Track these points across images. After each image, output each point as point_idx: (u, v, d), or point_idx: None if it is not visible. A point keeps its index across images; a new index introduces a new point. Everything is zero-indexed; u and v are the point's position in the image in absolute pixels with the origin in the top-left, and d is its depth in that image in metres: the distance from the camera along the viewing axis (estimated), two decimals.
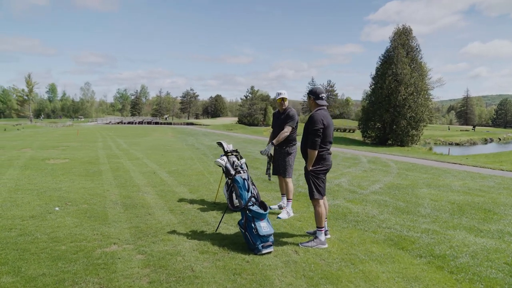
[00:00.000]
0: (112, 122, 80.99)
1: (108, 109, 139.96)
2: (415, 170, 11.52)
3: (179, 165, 10.96)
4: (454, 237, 4.82)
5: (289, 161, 5.79)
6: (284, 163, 5.78)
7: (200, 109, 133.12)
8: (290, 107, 5.84)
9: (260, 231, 3.86)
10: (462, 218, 5.76)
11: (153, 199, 6.52)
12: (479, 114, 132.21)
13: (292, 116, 5.69)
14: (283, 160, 5.81)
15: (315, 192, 4.32)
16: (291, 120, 5.67)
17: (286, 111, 5.77)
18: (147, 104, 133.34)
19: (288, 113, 5.73)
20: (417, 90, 31.53)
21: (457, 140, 47.34)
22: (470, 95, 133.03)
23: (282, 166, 5.83)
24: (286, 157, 5.77)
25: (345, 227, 5.17)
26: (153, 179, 8.47)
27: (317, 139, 4.20)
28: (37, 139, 23.23)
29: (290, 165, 5.81)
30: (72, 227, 4.78)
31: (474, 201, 7.03)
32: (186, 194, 7.03)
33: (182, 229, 4.85)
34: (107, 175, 8.82)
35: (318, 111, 4.34)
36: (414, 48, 32.92)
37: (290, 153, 5.79)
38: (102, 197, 6.50)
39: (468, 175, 10.64)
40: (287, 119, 5.70)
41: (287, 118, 5.70)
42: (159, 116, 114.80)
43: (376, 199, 6.99)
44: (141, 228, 4.83)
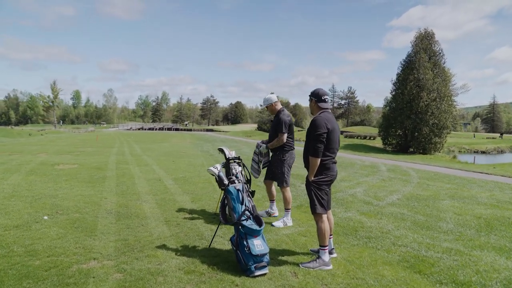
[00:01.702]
0: (133, 128, 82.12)
1: (130, 115, 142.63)
2: (437, 179, 10.78)
3: (187, 172, 10.60)
4: (481, 259, 4.20)
5: (283, 170, 5.38)
6: (279, 172, 5.40)
7: (220, 116, 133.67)
8: (281, 110, 5.43)
9: (253, 250, 3.39)
10: (491, 236, 5.11)
11: (151, 208, 6.14)
12: (507, 121, 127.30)
13: (278, 121, 5.29)
14: (277, 168, 5.43)
15: (317, 206, 3.81)
16: (278, 125, 5.28)
17: (276, 115, 5.42)
18: (168, 111, 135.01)
19: (276, 117, 5.39)
20: (440, 96, 30.29)
21: (483, 148, 45.33)
22: (497, 101, 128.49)
23: (277, 175, 5.44)
24: (280, 165, 5.39)
25: (355, 244, 4.62)
26: (156, 187, 8.12)
27: (320, 145, 3.70)
28: (56, 144, 23.52)
29: (285, 172, 5.39)
30: (55, 238, 4.43)
31: (504, 215, 6.33)
32: (187, 203, 6.63)
33: (173, 243, 4.43)
34: (110, 182, 8.54)
35: (321, 114, 3.86)
36: (437, 52, 31.74)
37: (283, 159, 5.39)
38: (97, 206, 6.16)
39: (496, 185, 9.84)
40: (275, 124, 5.34)
41: (276, 123, 5.34)
42: (179, 122, 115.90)
43: (393, 212, 6.39)
44: (129, 241, 4.44)
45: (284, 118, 5.26)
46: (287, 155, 5.44)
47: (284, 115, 5.32)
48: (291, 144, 5.44)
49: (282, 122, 5.23)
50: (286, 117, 5.30)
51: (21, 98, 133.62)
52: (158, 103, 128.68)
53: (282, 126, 5.23)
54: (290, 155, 5.49)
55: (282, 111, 5.40)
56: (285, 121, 5.24)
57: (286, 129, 5.25)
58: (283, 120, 5.24)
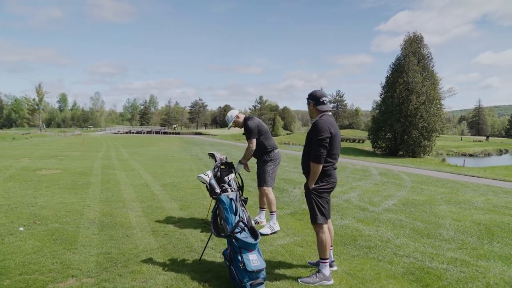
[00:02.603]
0: (120, 131, 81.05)
1: (117, 118, 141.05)
2: (431, 183, 10.62)
3: (175, 177, 10.22)
4: (488, 270, 3.96)
5: (266, 169, 5.16)
6: (261, 171, 5.19)
7: (209, 119, 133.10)
8: (247, 119, 5.24)
9: (249, 266, 3.07)
10: (493, 244, 4.90)
11: (137, 217, 5.77)
12: (491, 125, 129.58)
13: (247, 129, 5.14)
14: (260, 167, 5.23)
15: (318, 216, 3.52)
16: (247, 133, 5.13)
17: (244, 126, 5.22)
18: (156, 114, 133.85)
19: (244, 128, 5.20)
20: (429, 99, 30.45)
21: (471, 151, 45.81)
22: (482, 105, 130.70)
23: (259, 175, 5.23)
24: (264, 165, 5.18)
25: (355, 255, 4.34)
26: (143, 193, 7.74)
27: (322, 150, 3.42)
28: (41, 148, 22.79)
29: (268, 172, 5.15)
30: (30, 253, 4.03)
31: (503, 221, 6.15)
32: (175, 211, 6.27)
33: (160, 256, 4.08)
34: (94, 188, 8.11)
35: (323, 117, 3.58)
36: (426, 56, 31.93)
37: (267, 160, 5.18)
38: (79, 215, 5.76)
39: (490, 189, 9.73)
40: (246, 134, 5.17)
41: (245, 133, 5.18)
42: (167, 126, 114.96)
43: (390, 218, 6.14)
44: (112, 255, 4.07)
45: (250, 125, 5.10)
46: (272, 155, 5.23)
47: (249, 122, 5.13)
48: (270, 144, 5.23)
49: (248, 129, 5.10)
50: (252, 123, 5.11)
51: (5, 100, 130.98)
52: (146, 107, 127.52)
53: (248, 134, 5.10)
54: (276, 155, 5.27)
55: (249, 120, 5.20)
56: (250, 128, 5.08)
57: (254, 135, 5.07)
58: (249, 127, 5.10)
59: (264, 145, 5.17)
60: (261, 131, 5.16)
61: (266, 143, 5.18)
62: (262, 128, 5.20)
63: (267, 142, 5.19)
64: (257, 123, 5.17)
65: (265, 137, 5.19)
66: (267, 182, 5.13)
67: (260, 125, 5.20)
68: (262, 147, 5.17)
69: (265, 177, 5.14)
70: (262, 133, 5.16)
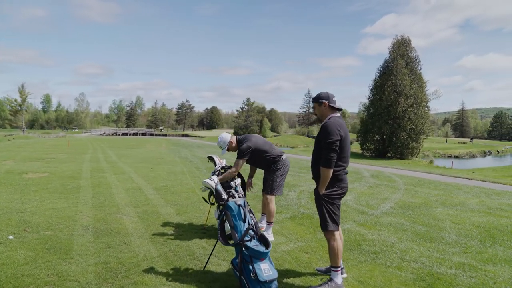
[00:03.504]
0: (106, 133, 79.80)
1: (103, 120, 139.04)
2: (423, 185, 10.66)
3: (168, 181, 10.00)
4: (497, 274, 3.91)
5: (274, 178, 4.95)
6: (269, 178, 4.98)
7: (196, 121, 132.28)
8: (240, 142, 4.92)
9: (261, 276, 2.93)
10: (496, 247, 4.87)
11: (133, 223, 5.55)
12: (474, 127, 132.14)
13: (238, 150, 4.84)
14: (268, 175, 5.01)
15: (329, 223, 3.39)
16: (238, 153, 4.82)
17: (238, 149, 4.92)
18: (142, 116, 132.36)
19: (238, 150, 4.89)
20: (417, 101, 30.82)
21: (456, 152, 46.62)
22: (465, 107, 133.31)
23: (266, 181, 5.02)
24: (272, 174, 4.96)
25: (362, 261, 4.24)
26: (136, 197, 7.50)
27: (332, 154, 3.29)
28: (24, 150, 22.16)
29: (275, 181, 4.95)
30: (22, 264, 3.80)
31: (501, 223, 6.15)
32: (172, 216, 6.08)
33: (162, 265, 3.90)
34: (85, 193, 7.84)
35: (332, 119, 3.46)
36: (413, 59, 32.31)
37: (275, 169, 4.97)
38: (72, 221, 5.51)
39: (481, 191, 9.81)
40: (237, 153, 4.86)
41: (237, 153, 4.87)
42: (154, 127, 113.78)
43: (391, 222, 6.08)
44: (111, 264, 3.87)
45: (242, 147, 4.78)
46: (280, 164, 5.00)
47: (242, 145, 4.81)
48: (274, 154, 4.98)
49: (239, 150, 4.80)
50: (245, 145, 4.77)
51: None
52: (132, 108, 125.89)
53: (238, 154, 4.79)
54: (283, 163, 5.04)
55: (242, 142, 4.88)
56: (241, 149, 4.76)
57: (242, 157, 4.72)
58: (240, 148, 4.79)
59: (268, 159, 4.95)
60: (260, 149, 4.87)
61: (270, 155, 4.95)
62: (260, 145, 4.90)
63: (271, 154, 4.96)
64: (251, 144, 4.82)
65: (267, 151, 4.94)
66: (273, 191, 4.94)
67: (256, 144, 4.87)
68: (267, 161, 4.95)
69: (272, 185, 4.94)
70: (262, 150, 4.89)
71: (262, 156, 4.91)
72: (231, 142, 4.93)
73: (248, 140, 4.88)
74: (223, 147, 4.89)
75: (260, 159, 4.93)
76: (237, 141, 4.97)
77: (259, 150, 4.88)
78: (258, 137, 5.08)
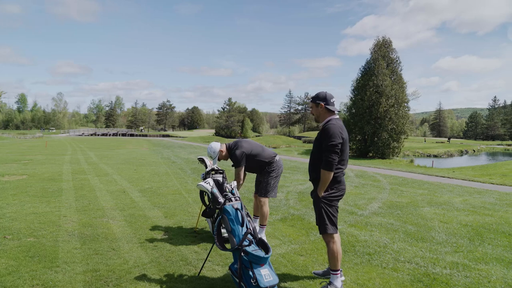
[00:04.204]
0: (85, 133, 78.06)
1: (82, 120, 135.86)
2: (407, 185, 10.79)
3: (153, 182, 9.78)
4: (491, 273, 3.94)
5: (268, 180, 4.86)
6: (263, 180, 4.88)
7: (177, 121, 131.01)
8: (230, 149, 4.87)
9: (261, 282, 2.83)
10: (485, 246, 4.93)
11: (120, 227, 5.36)
12: (451, 127, 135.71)
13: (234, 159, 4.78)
14: (262, 177, 4.90)
15: (328, 226, 3.33)
16: (234, 162, 4.78)
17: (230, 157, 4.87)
18: (122, 116, 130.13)
19: (231, 158, 4.85)
20: (398, 102, 31.38)
21: (435, 152, 47.69)
22: (442, 108, 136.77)
23: (259, 183, 4.92)
24: (266, 176, 4.86)
25: (358, 262, 4.20)
26: (121, 200, 7.28)
27: (334, 157, 3.23)
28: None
29: (269, 183, 4.86)
30: (4, 274, 3.57)
31: (486, 222, 6.26)
32: (160, 219, 5.91)
33: (154, 271, 3.75)
34: (67, 196, 7.55)
35: (333, 121, 3.40)
36: (394, 60, 32.90)
37: (269, 171, 4.87)
38: (56, 226, 5.27)
39: (464, 190, 10.01)
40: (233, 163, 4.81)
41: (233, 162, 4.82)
42: (134, 128, 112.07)
43: (381, 222, 6.09)
44: (101, 272, 3.69)
45: (237, 154, 4.70)
46: (274, 165, 4.92)
47: (237, 152, 4.73)
48: (267, 156, 4.89)
49: (235, 159, 4.73)
50: (239, 152, 4.71)
51: None
52: (112, 108, 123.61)
53: (235, 163, 4.74)
54: (277, 164, 4.96)
55: (234, 149, 4.80)
56: (237, 157, 4.69)
57: (240, 164, 4.69)
58: (235, 156, 4.71)
59: (262, 162, 4.85)
60: (252, 154, 4.79)
61: (263, 158, 4.85)
62: (252, 149, 4.83)
63: (264, 156, 4.86)
64: (244, 150, 4.74)
65: (259, 154, 4.85)
66: (266, 193, 4.84)
67: (249, 149, 4.80)
68: (261, 164, 4.86)
69: (266, 188, 4.84)
70: (254, 154, 4.81)
71: (255, 159, 4.82)
72: (221, 151, 4.84)
73: (239, 146, 4.80)
74: (214, 157, 4.78)
75: (253, 163, 4.83)
76: (227, 148, 4.87)
77: (252, 154, 4.79)
78: (249, 141, 4.99)
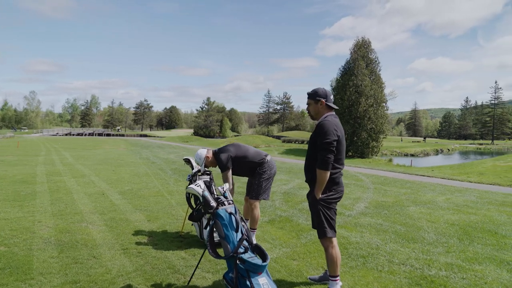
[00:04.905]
0: (59, 133, 75.73)
1: (56, 119, 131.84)
2: (390, 184, 10.85)
3: (133, 184, 9.41)
4: (485, 274, 3.88)
5: (261, 182, 4.66)
6: (254, 182, 4.69)
7: (154, 121, 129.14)
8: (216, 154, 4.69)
9: None
10: (475, 245, 4.91)
11: (101, 232, 5.04)
12: (425, 126, 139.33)
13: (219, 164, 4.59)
14: (254, 179, 4.71)
15: (327, 229, 3.17)
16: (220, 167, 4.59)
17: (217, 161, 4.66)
18: (98, 115, 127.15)
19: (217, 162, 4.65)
20: (377, 102, 31.85)
21: (412, 151, 48.75)
22: (417, 108, 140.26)
23: (251, 185, 4.74)
24: (258, 177, 4.67)
25: (353, 266, 4.07)
26: (101, 203, 6.92)
27: (330, 155, 3.07)
28: None
29: (261, 185, 4.66)
30: None
31: (471, 220, 6.30)
32: (143, 223, 5.61)
33: (140, 281, 3.49)
34: (42, 199, 7.12)
35: (328, 118, 3.24)
36: (373, 60, 33.39)
37: (261, 173, 4.68)
38: (30, 233, 4.90)
39: (445, 188, 10.14)
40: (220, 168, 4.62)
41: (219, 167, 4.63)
42: (111, 127, 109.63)
43: (370, 223, 6.01)
44: (81, 283, 3.40)
45: (221, 157, 4.54)
46: (265, 166, 4.72)
47: (221, 155, 4.57)
48: (258, 157, 4.71)
49: (220, 163, 4.55)
50: (224, 155, 4.55)
51: None
52: (87, 107, 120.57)
53: (221, 168, 4.55)
54: (269, 165, 4.77)
55: (219, 153, 4.64)
56: (221, 160, 4.53)
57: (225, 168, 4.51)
58: (220, 160, 4.54)
59: (251, 163, 4.66)
60: (240, 156, 4.61)
61: (252, 159, 4.66)
62: (239, 151, 4.65)
63: (253, 157, 4.68)
64: (230, 152, 4.59)
65: (247, 156, 4.66)
66: (258, 195, 4.63)
67: (234, 151, 4.63)
68: (251, 165, 4.66)
69: (258, 190, 4.63)
70: (242, 156, 4.62)
71: (244, 161, 4.62)
72: (207, 157, 4.66)
73: (224, 150, 4.66)
74: (200, 163, 4.63)
75: (242, 166, 4.63)
76: (213, 154, 4.69)
77: (239, 156, 4.61)
78: (236, 144, 4.81)
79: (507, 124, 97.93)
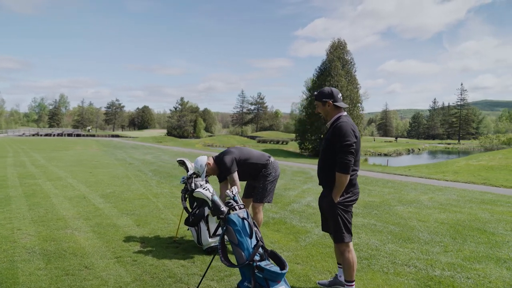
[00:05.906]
0: (26, 133, 72.43)
1: (22, 119, 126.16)
2: (372, 184, 10.95)
3: (114, 186, 9.02)
4: (488, 273, 3.90)
5: (265, 184, 4.50)
6: (259, 185, 4.51)
7: (126, 121, 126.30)
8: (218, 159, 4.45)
9: None
10: (469, 243, 4.97)
11: (89, 239, 4.72)
12: (396, 126, 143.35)
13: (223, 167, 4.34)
14: (258, 181, 4.53)
15: (345, 234, 3.07)
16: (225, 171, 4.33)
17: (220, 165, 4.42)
18: (68, 115, 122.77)
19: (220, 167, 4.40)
20: (353, 102, 32.41)
21: (385, 151, 49.97)
22: (388, 108, 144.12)
23: (255, 188, 4.55)
24: (263, 180, 4.51)
25: (359, 268, 3.98)
26: (84, 207, 6.55)
27: (350, 158, 2.97)
28: None
29: (266, 187, 4.50)
30: None
31: (459, 219, 6.40)
32: (132, 228, 5.33)
33: None
34: (18, 204, 6.65)
35: (343, 119, 3.15)
36: (349, 61, 33.96)
37: (266, 175, 4.53)
38: (10, 243, 4.51)
39: (425, 187, 10.33)
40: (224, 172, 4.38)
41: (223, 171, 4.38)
42: (81, 127, 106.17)
43: (364, 223, 5.98)
44: None
45: (225, 160, 4.32)
46: (270, 167, 4.55)
47: (223, 159, 4.35)
48: (261, 158, 4.56)
49: (224, 167, 4.31)
50: (228, 157, 4.35)
51: None
52: (56, 107, 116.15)
53: (226, 171, 4.32)
54: (273, 166, 4.59)
55: (222, 158, 4.41)
56: (225, 163, 4.30)
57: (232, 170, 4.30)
58: (224, 163, 4.31)
59: (256, 164, 4.48)
60: (243, 158, 4.43)
61: (256, 160, 4.50)
62: (242, 153, 4.48)
63: (257, 158, 4.52)
64: (234, 154, 4.39)
65: (251, 157, 4.50)
66: (263, 198, 4.45)
67: (237, 153, 4.45)
68: (255, 167, 4.49)
69: (263, 193, 4.45)
70: (245, 158, 4.45)
71: (248, 163, 4.43)
72: (208, 163, 4.37)
73: (227, 152, 4.44)
74: (201, 171, 4.31)
75: (247, 168, 4.44)
76: (214, 160, 4.44)
77: (243, 158, 4.42)
78: (238, 147, 4.64)
79: (472, 124, 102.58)
